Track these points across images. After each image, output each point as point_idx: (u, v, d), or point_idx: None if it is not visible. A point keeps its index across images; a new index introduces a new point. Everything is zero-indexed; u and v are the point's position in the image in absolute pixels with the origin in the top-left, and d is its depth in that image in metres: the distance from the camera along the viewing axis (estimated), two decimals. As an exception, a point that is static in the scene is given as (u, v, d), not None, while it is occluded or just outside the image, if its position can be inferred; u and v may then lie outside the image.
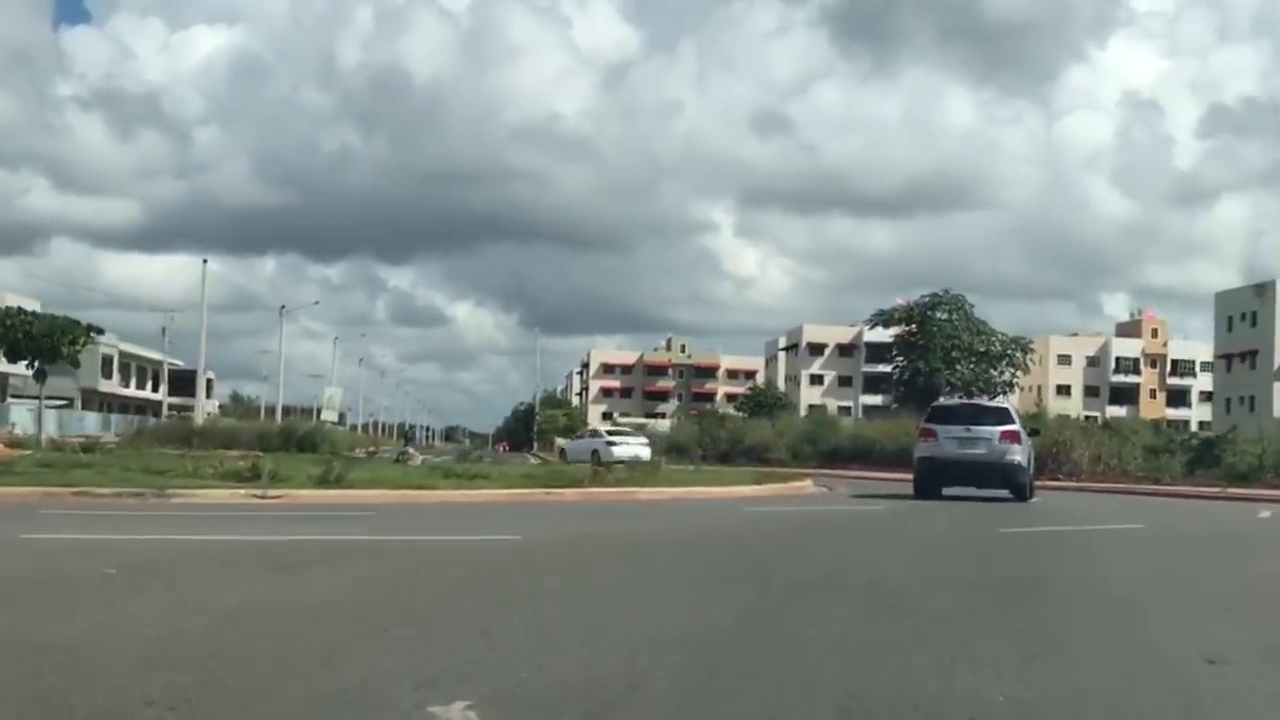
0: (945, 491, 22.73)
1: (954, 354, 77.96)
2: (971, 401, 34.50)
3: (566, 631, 5.86)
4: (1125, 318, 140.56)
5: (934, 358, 76.97)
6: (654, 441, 49.81)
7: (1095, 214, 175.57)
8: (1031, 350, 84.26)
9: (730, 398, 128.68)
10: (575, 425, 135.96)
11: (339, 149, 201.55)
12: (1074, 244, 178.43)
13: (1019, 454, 22.56)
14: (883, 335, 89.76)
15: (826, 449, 56.03)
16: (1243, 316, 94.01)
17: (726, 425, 64.85)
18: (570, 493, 20.52)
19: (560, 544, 11.66)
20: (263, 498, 16.44)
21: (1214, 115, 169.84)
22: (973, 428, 22.77)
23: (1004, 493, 22.83)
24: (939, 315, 78.90)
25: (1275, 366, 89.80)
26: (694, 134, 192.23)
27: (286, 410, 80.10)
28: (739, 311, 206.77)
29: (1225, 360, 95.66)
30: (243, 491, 17.01)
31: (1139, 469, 38.03)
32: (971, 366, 78.99)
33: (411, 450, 42.57)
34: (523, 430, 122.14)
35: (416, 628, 5.90)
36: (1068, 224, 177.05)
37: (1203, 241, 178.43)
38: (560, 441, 63.49)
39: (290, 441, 45.97)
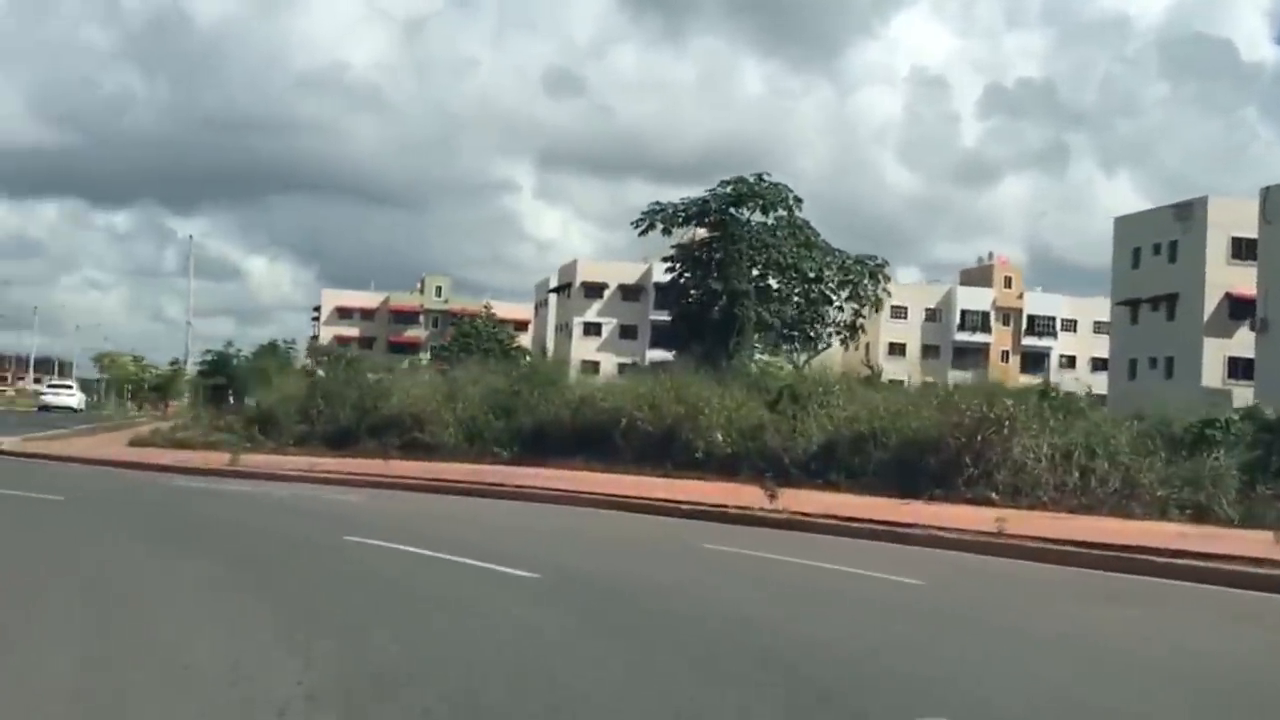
0: None
1: (769, 276, 48.69)
2: None
3: None
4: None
5: (738, 277, 46.27)
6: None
7: (886, 187, 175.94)
8: (887, 277, 53.93)
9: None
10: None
11: (120, 91, 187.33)
12: (867, 216, 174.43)
13: None
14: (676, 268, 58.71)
15: (531, 426, 30.69)
16: (1156, 249, 68.10)
17: (359, 381, 35.46)
18: None
19: None
20: None
21: (992, 95, 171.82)
22: None
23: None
24: (749, 215, 49.61)
25: (1205, 317, 64.44)
26: (491, 92, 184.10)
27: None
28: (541, 276, 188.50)
29: (1129, 307, 69.72)
30: None
31: (1155, 488, 18.97)
32: (798, 301, 49.72)
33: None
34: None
35: None
36: (860, 196, 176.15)
37: (987, 218, 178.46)
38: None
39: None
